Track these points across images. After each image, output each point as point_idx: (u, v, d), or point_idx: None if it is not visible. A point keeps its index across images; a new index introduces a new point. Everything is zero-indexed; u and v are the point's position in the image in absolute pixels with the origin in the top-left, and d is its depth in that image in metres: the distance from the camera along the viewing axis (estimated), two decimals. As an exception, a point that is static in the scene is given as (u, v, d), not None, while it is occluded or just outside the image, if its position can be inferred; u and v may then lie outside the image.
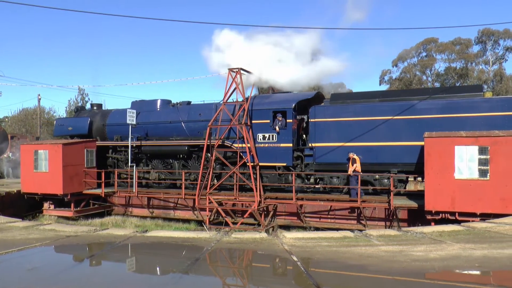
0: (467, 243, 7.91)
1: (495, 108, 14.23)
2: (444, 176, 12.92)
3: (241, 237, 9.19)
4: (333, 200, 16.01)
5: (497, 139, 12.42)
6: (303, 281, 6.08)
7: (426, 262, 6.70)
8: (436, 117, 14.83)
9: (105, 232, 9.91)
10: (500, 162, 12.27)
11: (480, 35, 49.52)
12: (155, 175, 20.09)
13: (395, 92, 16.98)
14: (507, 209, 11.98)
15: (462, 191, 12.70)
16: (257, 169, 16.97)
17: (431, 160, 13.13)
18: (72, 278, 6.38)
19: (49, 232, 9.82)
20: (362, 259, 6.96)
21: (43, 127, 49.65)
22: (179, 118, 19.54)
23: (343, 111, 16.37)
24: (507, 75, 48.10)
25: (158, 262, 7.66)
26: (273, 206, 17.33)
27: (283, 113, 17.11)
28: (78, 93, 53.95)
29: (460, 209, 12.69)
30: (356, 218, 16.07)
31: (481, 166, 12.52)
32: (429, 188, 13.18)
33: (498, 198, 12.21)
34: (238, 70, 17.29)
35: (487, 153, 12.44)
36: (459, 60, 49.94)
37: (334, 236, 8.98)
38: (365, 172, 15.55)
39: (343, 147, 16.15)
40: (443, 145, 13.03)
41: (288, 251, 7.59)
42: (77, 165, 19.68)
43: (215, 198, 17.13)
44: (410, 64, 52.81)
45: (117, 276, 6.68)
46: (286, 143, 17.09)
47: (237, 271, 7.20)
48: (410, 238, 8.59)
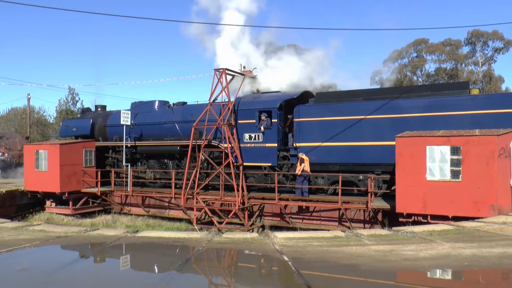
0: (456, 242, 7.98)
1: (481, 106, 13.77)
2: (416, 177, 12.43)
3: (232, 237, 9.18)
4: (317, 201, 15.81)
5: (469, 139, 11.87)
6: (294, 281, 6.09)
7: (416, 261, 6.75)
8: (421, 116, 14.44)
9: (96, 233, 9.85)
10: (472, 163, 11.73)
11: (469, 36, 49.99)
12: (151, 175, 20.47)
13: (379, 90, 16.75)
14: (480, 212, 11.45)
15: (434, 193, 12.21)
16: (241, 169, 17.01)
17: (403, 160, 12.70)
18: (62, 279, 6.34)
19: (38, 233, 9.74)
20: (353, 259, 6.99)
21: (33, 126, 49.20)
22: (173, 118, 19.80)
23: (327, 110, 16.13)
24: (495, 76, 48.60)
25: (149, 262, 7.63)
26: (258, 206, 17.32)
27: (268, 112, 17.08)
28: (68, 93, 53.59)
29: (432, 211, 12.23)
30: (342, 219, 15.90)
31: (453, 167, 11.98)
32: (400, 189, 12.73)
33: (470, 200, 11.69)
34: (223, 71, 17.36)
35: (460, 153, 11.91)
36: (449, 61, 50.37)
37: (325, 236, 9.00)
38: (348, 172, 15.38)
39: (327, 147, 15.95)
40: (415, 145, 12.56)
41: (279, 251, 7.59)
42: (75, 165, 20.46)
43: (202, 198, 17.22)
44: (401, 64, 53.15)
45: (108, 277, 6.64)
46: (271, 143, 17.04)
47: (228, 271, 7.19)
48: (400, 238, 8.64)
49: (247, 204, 16.85)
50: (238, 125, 17.82)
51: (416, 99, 14.86)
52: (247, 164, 17.38)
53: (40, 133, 50.60)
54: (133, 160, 21.22)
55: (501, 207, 11.43)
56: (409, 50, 52.74)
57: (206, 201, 17.39)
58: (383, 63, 53.99)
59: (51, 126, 52.92)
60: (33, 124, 49.62)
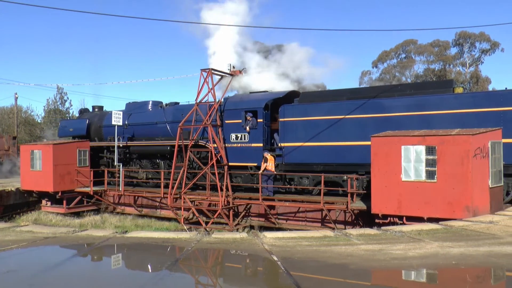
0: (444, 241, 8.04)
1: (465, 104, 13.55)
2: (391, 177, 12.20)
3: (222, 237, 9.16)
4: (302, 201, 15.71)
5: (444, 139, 11.61)
6: (283, 280, 6.09)
7: (405, 260, 6.80)
8: (404, 115, 14.26)
9: (84, 233, 9.77)
10: (447, 163, 11.46)
11: (457, 38, 50.51)
12: (143, 175, 20.78)
13: (364, 89, 16.54)
14: (455, 214, 11.20)
15: (409, 194, 11.96)
16: (225, 169, 17.02)
17: (378, 160, 12.49)
18: (50, 280, 6.27)
19: (26, 234, 9.63)
20: (342, 258, 7.01)
21: (20, 126, 48.67)
22: (164, 119, 19.95)
23: (311, 110, 16.04)
24: (483, 77, 49.17)
25: (138, 263, 7.58)
26: (244, 206, 17.32)
27: (254, 112, 17.09)
28: (56, 92, 53.16)
29: (407, 213, 12.01)
30: (325, 220, 15.75)
31: (429, 167, 11.70)
32: (376, 190, 12.52)
33: (445, 202, 11.44)
34: (209, 71, 17.37)
35: (435, 153, 11.64)
36: (438, 61, 50.85)
37: (315, 236, 9.02)
38: (333, 173, 15.27)
39: (311, 147, 15.89)
40: (390, 144, 12.34)
41: (269, 251, 7.59)
42: (69, 164, 20.99)
43: (189, 198, 17.27)
44: (390, 65, 53.56)
45: (96, 277, 6.58)
46: (257, 143, 17.03)
47: (217, 271, 7.18)
48: (389, 237, 8.69)
49: (232, 204, 16.84)
50: (225, 125, 17.86)
51: (400, 98, 14.64)
52: (234, 164, 17.37)
53: (28, 132, 50.09)
54: (127, 160, 21.51)
55: (477, 208, 11.21)
56: (398, 51, 53.17)
57: (193, 201, 17.42)
58: (372, 63, 54.44)
59: (38, 125, 52.43)
60: (21, 124, 49.11)
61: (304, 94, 17.09)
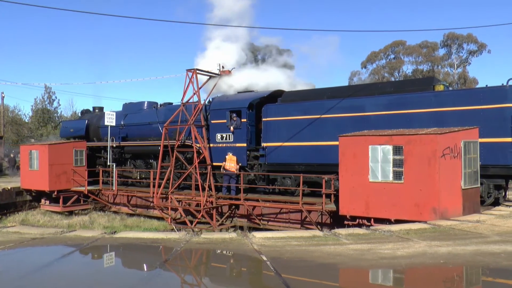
0: (433, 241, 8.11)
1: (445, 103, 13.23)
2: (359, 178, 11.87)
3: (211, 237, 9.14)
4: (285, 202, 15.54)
5: (411, 138, 11.22)
6: (272, 280, 6.09)
7: (394, 259, 6.83)
8: (384, 114, 14.03)
9: (73, 234, 9.67)
10: (414, 164, 11.06)
11: (445, 39, 51.02)
12: (137, 174, 21.18)
13: (344, 88, 16.48)
14: (422, 216, 10.83)
15: (377, 195, 11.61)
16: (208, 169, 17.02)
17: (345, 161, 12.21)
18: (37, 282, 6.20)
19: (13, 235, 9.50)
20: (331, 258, 7.03)
21: (7, 126, 48.10)
22: (157, 119, 20.12)
23: (293, 109, 15.93)
24: (470, 78, 49.72)
25: (127, 263, 7.54)
26: (229, 206, 17.30)
27: (238, 112, 17.11)
28: (44, 91, 52.66)
29: (374, 214, 11.71)
30: (305, 221, 15.54)
31: (396, 167, 11.32)
32: (344, 191, 12.24)
33: (412, 203, 11.08)
34: (194, 71, 17.37)
35: (402, 153, 11.23)
36: (426, 62, 51.34)
37: (304, 235, 9.03)
38: (314, 173, 15.14)
39: (292, 146, 15.80)
40: (357, 144, 12.02)
41: (258, 251, 7.59)
42: (65, 164, 21.64)
43: (176, 198, 17.31)
44: (379, 66, 53.91)
45: (84, 278, 6.52)
46: (241, 143, 17.03)
47: (206, 271, 7.16)
48: (378, 237, 8.74)
49: (215, 204, 16.82)
50: (211, 125, 17.91)
51: (380, 97, 14.42)
52: (219, 164, 17.32)
53: (15, 132, 49.54)
54: (122, 160, 21.99)
55: (445, 211, 10.85)
56: (387, 52, 53.54)
57: (180, 201, 17.46)
58: (361, 64, 54.74)
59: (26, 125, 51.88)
60: (8, 124, 48.54)
61: (287, 94, 17.04)
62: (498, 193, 13.26)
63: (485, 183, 12.84)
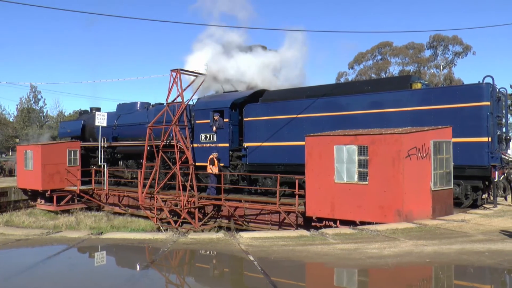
0: (419, 240, 8.18)
1: (421, 101, 12.96)
2: (324, 179, 11.61)
3: (198, 237, 9.11)
4: (267, 203, 15.38)
5: (375, 138, 10.90)
6: (260, 280, 6.09)
7: (381, 258, 6.88)
8: (362, 113, 13.80)
9: (58, 235, 9.55)
10: (379, 164, 10.75)
11: (431, 40, 51.56)
12: (128, 174, 21.40)
13: (323, 87, 16.29)
14: (386, 218, 10.56)
15: (342, 197, 11.35)
16: (191, 169, 17.03)
17: (312, 161, 11.93)
18: (23, 283, 6.12)
19: (-4, 236, 9.37)
20: (318, 258, 7.06)
21: (-9, 125, 47.43)
22: (147, 119, 20.17)
23: (272, 109, 15.87)
24: (456, 79, 50.27)
25: (113, 264, 7.48)
26: (212, 207, 17.27)
27: (221, 112, 17.12)
28: (30, 91, 51.99)
29: (339, 216, 11.45)
30: (283, 222, 15.33)
31: (361, 168, 11.01)
32: (310, 192, 12.00)
33: (377, 205, 10.79)
34: (178, 71, 17.35)
35: (367, 153, 10.93)
36: (413, 63, 51.80)
37: (291, 235, 9.05)
38: (293, 173, 14.79)
39: (272, 146, 15.73)
40: (323, 144, 11.74)
41: (245, 251, 7.58)
42: (58, 164, 21.98)
43: (161, 198, 17.32)
44: (366, 66, 54.24)
45: (70, 280, 6.45)
46: (223, 143, 17.04)
47: (193, 272, 7.13)
48: (365, 236, 8.79)
49: (198, 204, 16.79)
50: (196, 125, 17.93)
51: (357, 96, 14.24)
52: (203, 164, 17.29)
53: (-1, 132, 48.80)
54: (114, 160, 22.19)
55: (410, 213, 10.55)
56: (374, 53, 53.90)
57: (166, 201, 17.45)
58: (348, 65, 55.04)
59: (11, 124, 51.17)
60: (-8, 123, 47.83)
61: (267, 93, 17.03)
62: (476, 195, 12.81)
63: (463, 185, 12.55)
